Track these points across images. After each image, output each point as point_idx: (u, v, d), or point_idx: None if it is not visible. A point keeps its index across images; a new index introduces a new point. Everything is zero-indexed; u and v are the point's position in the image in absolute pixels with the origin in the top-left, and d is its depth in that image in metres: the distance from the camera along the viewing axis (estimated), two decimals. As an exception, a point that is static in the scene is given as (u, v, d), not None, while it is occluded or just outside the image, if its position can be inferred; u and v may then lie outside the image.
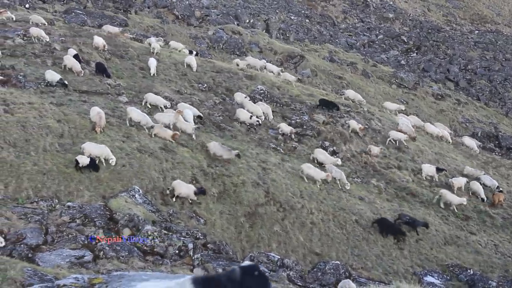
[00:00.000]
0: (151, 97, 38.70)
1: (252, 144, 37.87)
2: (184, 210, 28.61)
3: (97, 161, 28.73)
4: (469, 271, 31.22)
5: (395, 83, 76.11)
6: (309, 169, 35.33)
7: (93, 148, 29.04)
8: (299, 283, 22.29)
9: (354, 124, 44.77)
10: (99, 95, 37.94)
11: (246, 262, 8.52)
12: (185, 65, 47.95)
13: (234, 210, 30.14)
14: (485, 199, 40.20)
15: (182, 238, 22.60)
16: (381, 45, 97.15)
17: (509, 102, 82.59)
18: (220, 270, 20.05)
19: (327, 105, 47.43)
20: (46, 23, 49.68)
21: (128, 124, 34.15)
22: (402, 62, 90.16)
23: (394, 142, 45.05)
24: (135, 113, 34.24)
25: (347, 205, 34.15)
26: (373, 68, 79.78)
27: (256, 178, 32.90)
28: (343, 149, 41.50)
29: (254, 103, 43.12)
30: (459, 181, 40.89)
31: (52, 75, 37.39)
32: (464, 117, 72.88)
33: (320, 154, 38.17)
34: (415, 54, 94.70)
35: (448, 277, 30.48)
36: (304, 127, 42.42)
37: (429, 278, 29.52)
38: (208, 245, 24.01)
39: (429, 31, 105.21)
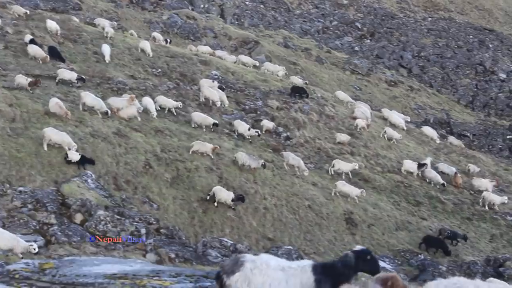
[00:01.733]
0: (161, 99, 38.43)
1: (205, 129, 37.88)
2: (137, 195, 28.57)
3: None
4: (420, 256, 31.71)
5: (348, 69, 76.47)
6: (343, 186, 35.73)
7: (53, 135, 28.78)
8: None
9: (361, 122, 46.19)
10: (52, 79, 37.56)
11: (358, 247, 8.86)
12: (139, 50, 47.66)
13: (188, 195, 30.18)
14: (445, 184, 41.05)
15: (135, 223, 22.57)
16: (335, 31, 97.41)
17: (461, 89, 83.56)
18: (172, 255, 20.08)
19: (298, 91, 48.10)
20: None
21: (81, 109, 33.93)
22: (356, 48, 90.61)
23: (385, 138, 46.33)
24: (89, 98, 34.01)
25: (300, 190, 34.39)
26: (327, 54, 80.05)
27: (209, 164, 32.96)
28: (297, 134, 41.69)
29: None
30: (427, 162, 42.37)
31: (70, 74, 37.62)
32: (416, 103, 73.66)
33: (339, 164, 38.56)
34: (369, 41, 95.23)
35: (399, 262, 30.89)
36: (258, 112, 42.54)
37: (380, 263, 29.83)
38: (161, 230, 24.02)
39: (383, 18, 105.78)
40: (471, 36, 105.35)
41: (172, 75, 45.77)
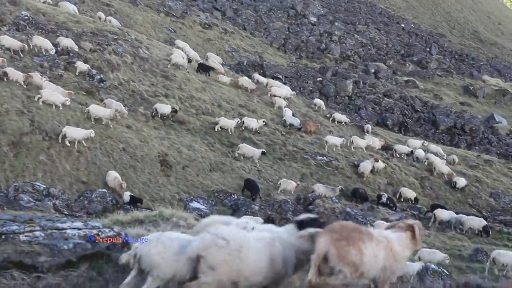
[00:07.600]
0: None
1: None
2: None
3: None
4: (233, 196, 32.74)
5: (163, 11, 76.26)
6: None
7: None
8: (66, 212, 22.34)
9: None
10: None
11: None
12: None
13: (-3, 140, 29.36)
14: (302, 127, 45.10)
15: None
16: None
17: (273, 32, 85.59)
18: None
19: (205, 69, 50.50)
20: None
21: None
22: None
23: None
24: None
25: (114, 133, 34.30)
26: (137, -4, 79.45)
27: (20, 107, 32.03)
28: (111, 77, 41.34)
29: (19, 31, 41.91)
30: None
31: (165, 108, 39.14)
32: (230, 46, 74.88)
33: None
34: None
35: (213, 203, 31.76)
36: (71, 54, 41.61)
37: (194, 204, 30.58)
38: (-31, 176, 23.47)
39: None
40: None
41: (-23, 14, 43.85)
